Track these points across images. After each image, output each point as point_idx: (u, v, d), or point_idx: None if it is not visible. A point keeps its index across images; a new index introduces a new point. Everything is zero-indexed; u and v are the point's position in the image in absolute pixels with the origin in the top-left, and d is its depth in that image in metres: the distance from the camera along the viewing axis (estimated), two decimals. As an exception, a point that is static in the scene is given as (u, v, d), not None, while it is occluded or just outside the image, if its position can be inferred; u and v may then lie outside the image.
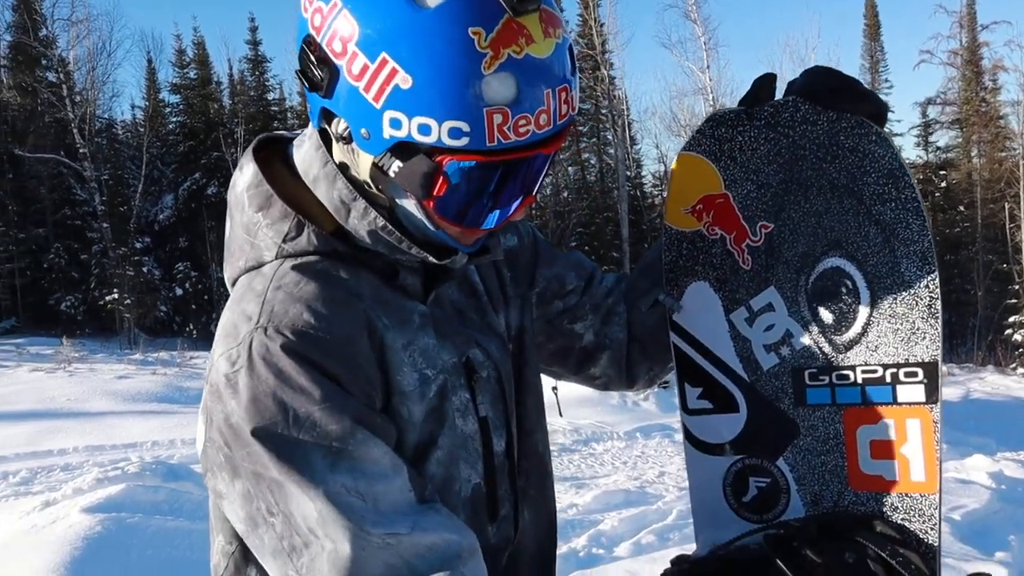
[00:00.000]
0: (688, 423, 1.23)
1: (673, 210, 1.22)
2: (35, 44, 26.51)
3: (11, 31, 27.70)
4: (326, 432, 0.88)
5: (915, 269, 1.07)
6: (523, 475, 1.15)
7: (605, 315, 1.30)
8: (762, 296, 1.16)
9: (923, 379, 1.07)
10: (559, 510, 5.34)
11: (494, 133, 0.83)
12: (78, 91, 26.99)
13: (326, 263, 0.97)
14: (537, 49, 0.84)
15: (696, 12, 27.44)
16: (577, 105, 0.91)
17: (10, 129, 26.98)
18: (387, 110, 0.84)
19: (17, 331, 24.44)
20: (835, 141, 1.09)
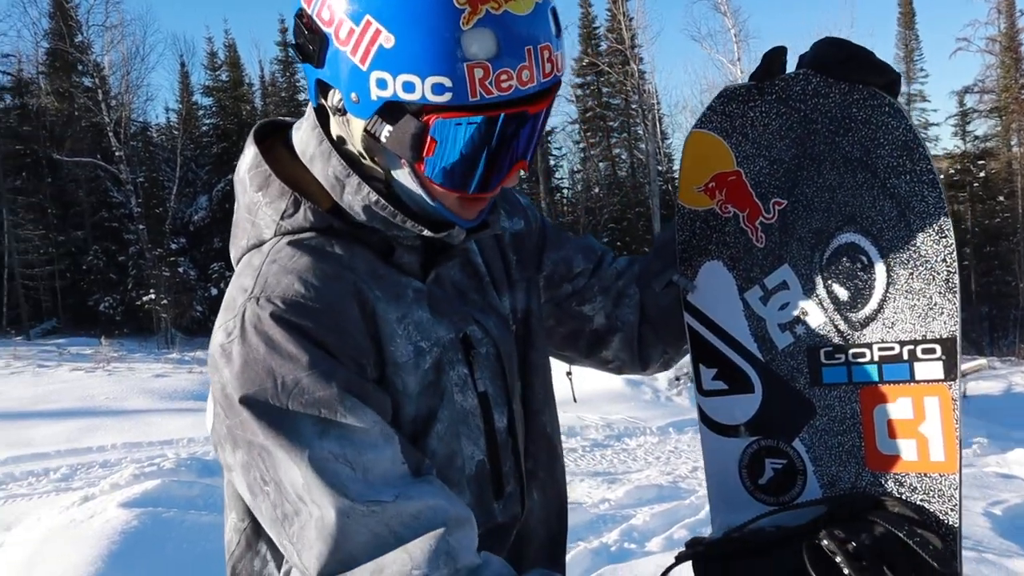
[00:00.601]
0: (703, 404, 1.21)
1: (685, 189, 1.20)
2: (71, 50, 27.06)
3: (48, 38, 28.32)
4: (314, 398, 0.88)
5: (931, 243, 1.04)
6: (531, 457, 1.15)
7: (616, 297, 1.29)
8: (776, 274, 1.14)
9: (941, 356, 1.04)
10: (591, 504, 5.35)
11: (476, 87, 0.85)
12: (113, 95, 27.50)
13: (321, 239, 0.98)
14: (516, 6, 0.85)
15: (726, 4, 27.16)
16: (563, 67, 0.92)
17: (48, 134, 27.57)
18: (373, 71, 0.87)
19: (58, 332, 24.98)
20: (847, 113, 1.06)
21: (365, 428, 0.89)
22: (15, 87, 29.69)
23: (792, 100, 1.10)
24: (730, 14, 27.07)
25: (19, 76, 29.75)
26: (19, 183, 27.18)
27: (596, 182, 34.64)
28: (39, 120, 28.01)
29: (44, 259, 26.49)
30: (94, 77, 27.18)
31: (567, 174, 37.20)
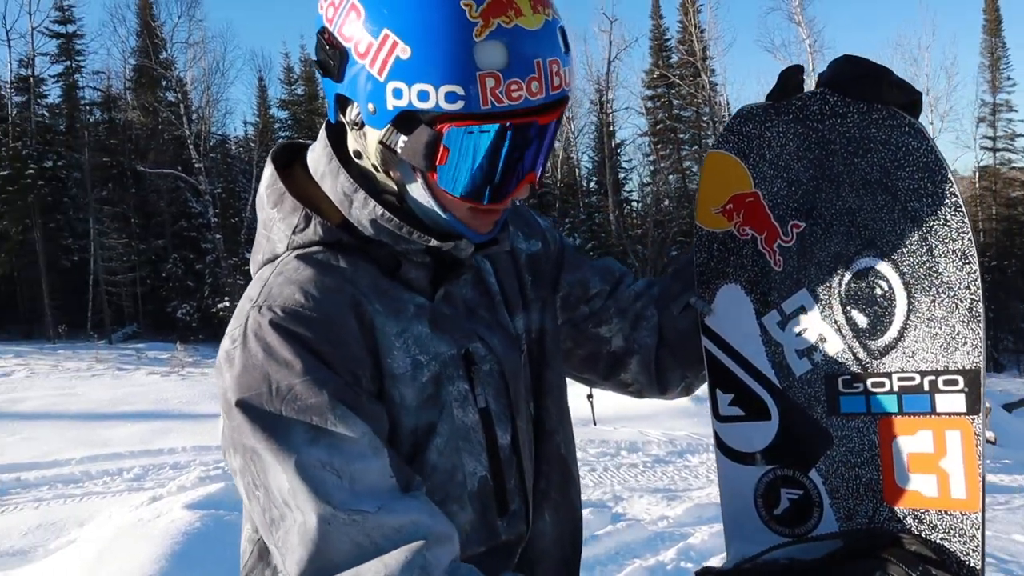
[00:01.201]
0: (719, 431, 1.18)
1: (703, 210, 1.18)
2: (156, 66, 28.27)
3: (135, 55, 29.62)
4: (306, 405, 0.90)
5: (954, 269, 0.99)
6: (544, 477, 1.15)
7: (634, 320, 1.27)
8: (794, 299, 1.11)
9: (964, 388, 0.99)
10: (649, 521, 5.26)
11: (487, 96, 0.87)
12: (194, 109, 28.60)
13: (329, 253, 1.01)
14: (526, 21, 0.89)
15: (800, 14, 26.66)
16: (572, 83, 0.95)
17: (133, 147, 28.82)
18: (390, 81, 0.90)
19: (138, 336, 26.01)
20: (866, 134, 1.03)
21: (354, 438, 0.90)
22: (104, 102, 31.14)
23: (809, 120, 1.07)
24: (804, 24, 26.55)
25: (108, 92, 31.21)
26: (105, 193, 28.46)
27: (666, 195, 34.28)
28: (125, 133, 29.32)
29: (127, 266, 27.63)
30: (177, 92, 28.36)
31: (636, 187, 36.98)
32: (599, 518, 5.74)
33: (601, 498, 6.39)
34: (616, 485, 6.87)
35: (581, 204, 35.24)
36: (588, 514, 5.78)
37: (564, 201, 35.96)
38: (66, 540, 5.48)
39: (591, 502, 6.20)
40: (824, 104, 1.05)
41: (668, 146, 35.17)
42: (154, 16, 29.92)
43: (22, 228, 27.16)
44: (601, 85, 34.82)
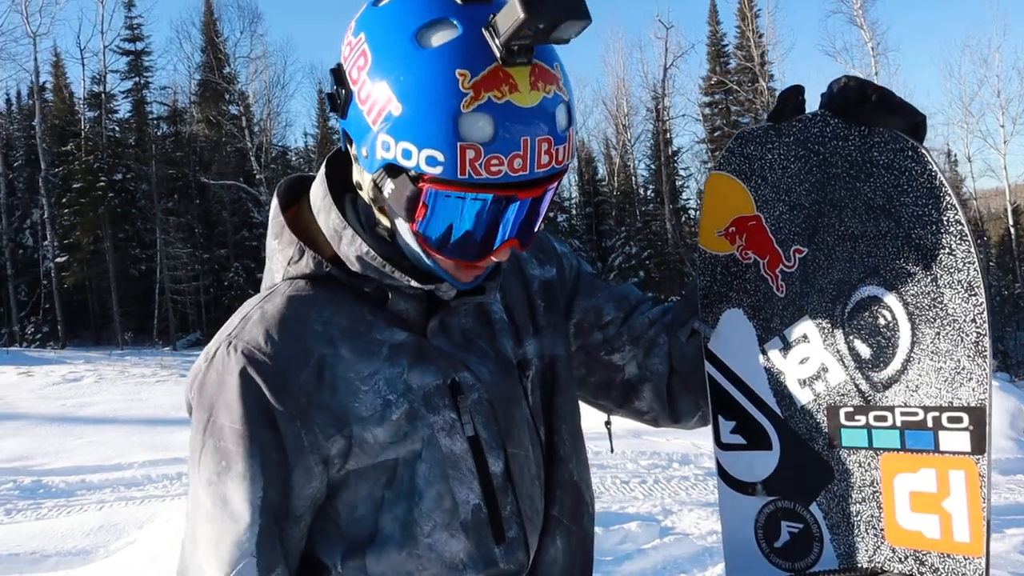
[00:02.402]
0: (721, 458, 1.15)
1: (707, 233, 1.15)
2: (219, 80, 29.07)
3: (200, 70, 30.54)
4: (224, 448, 0.97)
5: (960, 301, 0.95)
6: (556, 503, 1.14)
7: (647, 347, 1.25)
8: (797, 326, 1.07)
9: (968, 426, 0.94)
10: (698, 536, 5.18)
11: (466, 167, 0.88)
12: (256, 122, 29.33)
13: (317, 286, 1.04)
14: (520, 98, 0.88)
15: (862, 16, 26.05)
16: (566, 160, 0.94)
17: (198, 159, 29.68)
18: (380, 133, 0.92)
19: (201, 343, 26.66)
20: (868, 157, 0.99)
21: (238, 501, 0.97)
22: (170, 116, 32.16)
23: (810, 143, 1.03)
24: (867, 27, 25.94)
25: (174, 106, 32.23)
26: (171, 204, 29.35)
27: (723, 203, 33.79)
28: (190, 146, 30.22)
29: (191, 275, 28.44)
30: (239, 105, 29.12)
31: (694, 195, 36.54)
32: (647, 531, 5.66)
33: (650, 511, 6.31)
34: (666, 498, 6.78)
35: (638, 212, 34.99)
36: (635, 527, 5.72)
37: (620, 209, 35.75)
38: (125, 542, 5.64)
39: (639, 515, 6.13)
40: (825, 126, 1.02)
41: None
42: (218, 32, 30.81)
43: (93, 239, 28.19)
44: (657, 92, 34.58)
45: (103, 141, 29.83)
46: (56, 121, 31.03)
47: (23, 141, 32.46)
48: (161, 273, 27.86)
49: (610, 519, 5.87)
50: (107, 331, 28.38)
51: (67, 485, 7.39)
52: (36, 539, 5.71)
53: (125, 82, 31.93)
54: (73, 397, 12.63)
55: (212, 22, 31.56)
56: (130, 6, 31.16)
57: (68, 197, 28.89)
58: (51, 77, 32.79)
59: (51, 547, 5.57)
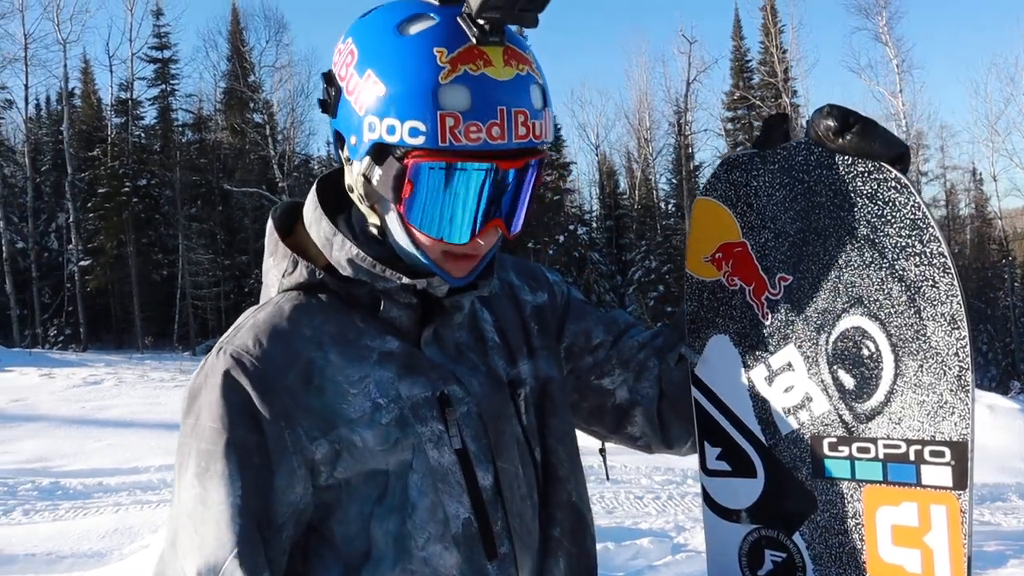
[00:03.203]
0: (706, 484, 1.14)
1: (693, 258, 1.15)
2: (244, 89, 29.39)
3: (225, 78, 30.91)
4: (204, 449, 0.98)
5: (943, 334, 0.94)
6: (557, 524, 1.14)
7: (637, 371, 1.25)
8: (781, 354, 1.07)
9: (950, 460, 0.93)
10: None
11: (446, 134, 0.92)
12: (280, 130, 29.62)
13: (310, 295, 1.07)
14: (495, 72, 0.94)
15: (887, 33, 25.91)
16: (544, 137, 0.98)
17: (221, 166, 30.00)
18: (366, 116, 0.97)
19: (221, 349, 26.81)
20: (852, 187, 0.99)
21: (219, 500, 0.96)
22: (195, 123, 32.60)
23: (795, 171, 1.03)
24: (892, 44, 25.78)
25: (199, 113, 32.67)
26: (194, 211, 29.73)
27: (744, 217, 33.62)
28: (214, 153, 30.58)
29: (212, 281, 28.73)
30: (263, 114, 29.44)
31: (714, 209, 36.29)
32: (659, 548, 5.62)
33: (663, 527, 6.26)
34: (679, 514, 6.72)
35: (658, 226, 34.91)
36: (648, 543, 5.67)
37: (641, 223, 35.69)
38: (139, 545, 5.67)
39: (652, 531, 6.08)
40: (809, 155, 1.02)
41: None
42: (244, 41, 31.20)
43: (117, 243, 28.56)
44: (680, 107, 34.55)
45: (129, 147, 30.26)
46: (83, 127, 31.53)
47: (51, 146, 33.01)
48: (183, 278, 28.15)
49: (622, 534, 5.83)
50: (128, 335, 28.69)
51: (84, 487, 7.46)
52: (52, 540, 5.77)
53: (152, 89, 32.46)
54: (93, 400, 12.74)
55: (238, 31, 31.98)
56: (158, 15, 31.68)
57: (93, 202, 29.32)
58: (80, 83, 33.40)
59: (67, 548, 5.62)
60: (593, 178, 39.96)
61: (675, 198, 35.86)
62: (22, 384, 14.33)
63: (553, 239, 31.57)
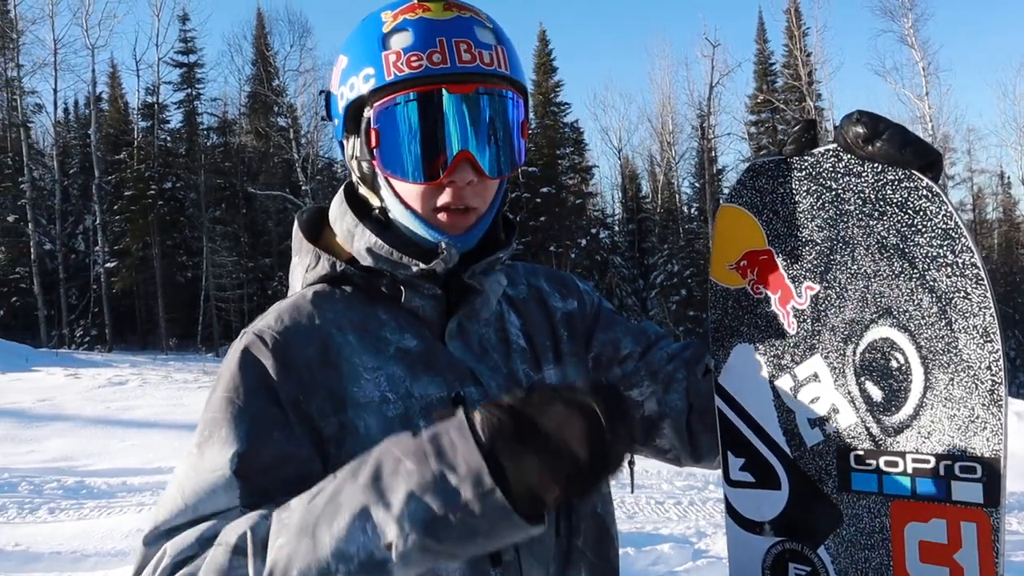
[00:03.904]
0: (729, 495, 1.12)
1: (718, 265, 1.13)
2: (269, 93, 29.63)
3: (250, 83, 31.17)
4: (212, 417, 0.98)
5: (975, 347, 0.91)
6: (580, 535, 1.13)
7: (666, 382, 1.24)
8: (807, 364, 1.05)
9: (982, 477, 0.90)
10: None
11: (391, 69, 1.01)
12: (303, 134, 29.79)
13: (332, 286, 1.11)
14: (432, 14, 1.02)
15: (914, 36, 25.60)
16: (496, 67, 1.02)
17: (246, 169, 30.25)
18: (339, 87, 1.07)
19: (244, 350, 27.01)
20: (881, 195, 0.96)
21: (215, 466, 0.94)
22: (220, 127, 32.90)
23: (822, 178, 1.01)
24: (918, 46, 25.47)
25: (224, 117, 32.97)
26: (218, 213, 30.00)
27: (767, 221, 33.36)
28: (238, 157, 30.85)
29: (235, 283, 28.95)
30: (287, 117, 29.63)
31: (736, 213, 36.03)
32: (679, 554, 5.58)
33: (684, 533, 6.21)
34: (701, 520, 6.66)
35: (681, 230, 34.73)
36: (668, 548, 5.63)
37: (663, 227, 35.52)
38: (160, 546, 5.72)
39: (673, 536, 6.03)
40: (837, 162, 0.99)
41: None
42: (268, 45, 31.47)
43: (142, 245, 28.87)
44: (703, 110, 34.37)
45: (155, 150, 30.60)
46: (111, 130, 31.94)
47: (79, 149, 33.47)
48: (207, 280, 28.39)
49: (643, 540, 5.80)
50: (153, 336, 28.99)
51: (108, 487, 7.53)
52: (77, 539, 5.83)
53: (177, 93, 32.82)
54: (118, 400, 12.89)
55: (263, 36, 32.26)
56: (185, 20, 32.04)
57: (119, 204, 29.67)
58: (107, 88, 33.85)
59: (91, 547, 5.67)
60: (615, 182, 39.90)
61: (698, 202, 35.66)
62: (49, 384, 14.52)
63: (575, 243, 31.49)
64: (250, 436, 0.96)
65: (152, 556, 0.91)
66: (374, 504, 0.79)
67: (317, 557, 0.80)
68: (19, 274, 28.70)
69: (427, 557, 0.79)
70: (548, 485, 0.76)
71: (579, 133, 35.12)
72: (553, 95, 33.92)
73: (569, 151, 34.42)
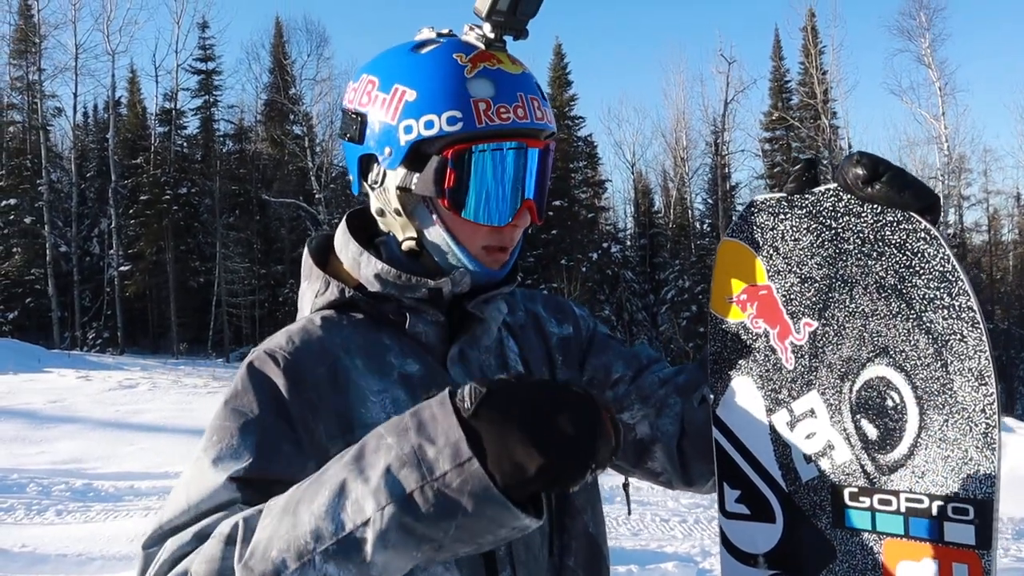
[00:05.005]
0: (724, 527, 1.13)
1: (717, 299, 1.15)
2: (285, 101, 29.86)
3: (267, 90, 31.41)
4: (220, 424, 1.00)
5: (970, 389, 0.92)
6: (572, 555, 1.15)
7: (658, 407, 1.25)
8: (804, 400, 1.06)
9: (974, 519, 0.91)
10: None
11: (481, 117, 1.03)
12: (318, 143, 29.97)
13: (340, 312, 1.13)
14: (507, 68, 1.08)
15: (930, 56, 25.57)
16: (552, 123, 1.10)
17: (260, 176, 30.45)
18: (401, 121, 1.06)
19: (254, 356, 27.11)
20: (880, 236, 0.97)
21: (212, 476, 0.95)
22: (236, 134, 33.16)
23: (822, 217, 1.02)
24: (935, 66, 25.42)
25: (240, 124, 33.24)
26: (232, 220, 30.19)
27: (779, 239, 33.25)
28: (253, 164, 31.07)
29: (247, 289, 29.10)
30: (303, 126, 29.85)
31: (749, 230, 35.92)
32: (684, 572, 5.56)
33: (688, 551, 6.18)
34: (706, 539, 6.64)
35: (692, 246, 34.68)
36: (672, 567, 5.61)
37: (675, 242, 35.48)
38: (166, 552, 5.73)
39: (677, 554, 6.01)
40: (838, 202, 1.01)
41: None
42: (286, 54, 31.73)
43: (156, 250, 29.07)
44: (717, 126, 34.39)
45: (171, 156, 30.86)
46: (128, 135, 32.25)
47: (96, 153, 33.79)
48: (219, 286, 28.54)
49: (647, 557, 5.78)
50: (164, 340, 29.14)
51: (116, 490, 7.57)
52: (83, 542, 5.86)
53: (195, 100, 33.09)
54: (128, 403, 12.95)
55: (281, 44, 32.52)
56: (204, 27, 32.35)
57: (135, 208, 29.91)
58: (126, 93, 34.22)
59: (97, 551, 5.70)
60: (628, 196, 39.88)
61: (710, 218, 35.62)
62: (60, 385, 14.63)
63: (587, 257, 31.50)
64: (259, 447, 0.97)
65: (154, 556, 0.91)
66: (353, 479, 0.76)
67: (296, 535, 0.77)
68: (34, 275, 28.95)
69: (409, 541, 0.74)
70: (533, 459, 0.70)
71: (593, 147, 35.21)
72: (568, 108, 34.03)
73: (582, 165, 34.49)
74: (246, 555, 0.79)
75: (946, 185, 27.92)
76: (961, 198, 35.08)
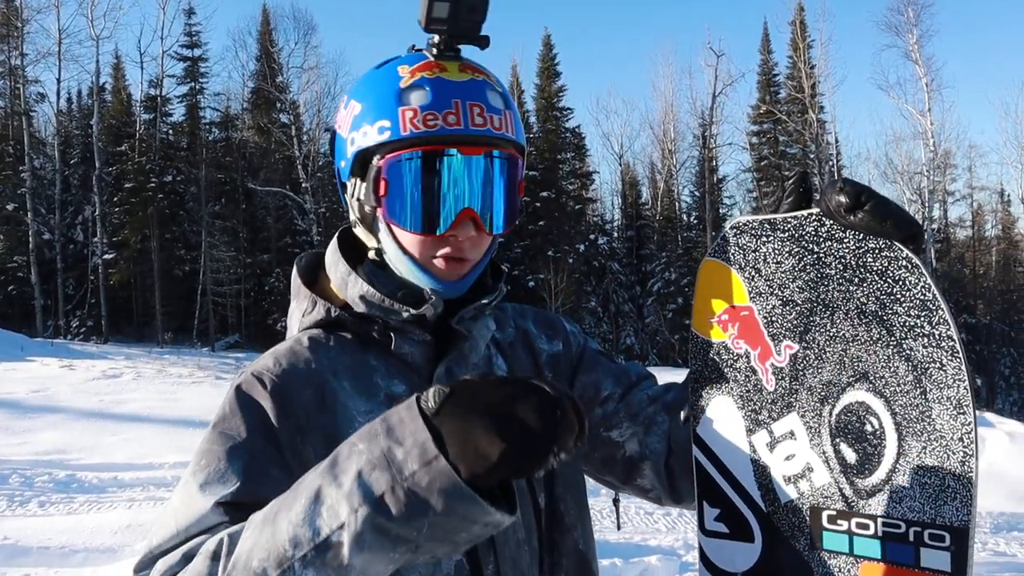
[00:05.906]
0: (704, 544, 1.14)
1: (699, 318, 1.15)
2: (272, 89, 29.65)
3: (253, 78, 31.18)
4: (207, 448, 1.00)
5: (948, 417, 0.93)
6: (563, 572, 1.16)
7: (646, 424, 1.25)
8: (784, 422, 1.06)
9: (950, 546, 0.92)
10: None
11: (407, 125, 1.04)
12: (305, 131, 29.81)
13: (327, 331, 1.14)
14: (450, 75, 1.07)
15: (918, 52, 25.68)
16: (505, 131, 1.07)
17: (247, 165, 30.26)
18: (349, 134, 1.10)
19: (239, 346, 27.09)
20: (862, 262, 0.98)
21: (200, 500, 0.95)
22: (222, 122, 32.91)
23: (805, 240, 1.02)
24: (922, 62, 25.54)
25: (227, 112, 32.99)
26: (218, 208, 30.00)
27: (766, 232, 33.38)
28: (239, 152, 30.87)
29: (233, 278, 28.96)
30: (290, 114, 29.68)
31: (736, 222, 36.07)
32: (667, 566, 5.59)
33: (672, 545, 6.23)
34: (689, 533, 6.69)
35: (679, 238, 34.80)
36: (656, 560, 5.65)
37: (662, 235, 35.57)
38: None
39: (661, 548, 6.05)
40: (820, 226, 1.01)
41: (772, 183, 34.34)
42: (273, 42, 31.49)
43: (140, 238, 28.87)
44: (705, 119, 34.44)
45: (156, 143, 30.60)
46: (113, 122, 31.94)
47: (80, 140, 33.48)
48: (204, 275, 28.38)
49: (631, 551, 5.81)
50: (148, 329, 28.98)
51: (99, 481, 7.53)
52: (66, 533, 5.83)
53: (181, 87, 32.81)
54: (111, 393, 12.86)
55: (268, 32, 32.28)
56: (190, 14, 32.05)
57: (119, 196, 29.67)
58: (111, 79, 33.86)
59: (80, 542, 5.68)
60: (616, 188, 39.93)
61: (697, 210, 35.73)
62: (43, 374, 14.51)
63: (574, 248, 31.53)
64: (247, 471, 0.97)
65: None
66: (327, 485, 0.78)
67: (275, 543, 0.79)
68: (17, 263, 28.70)
69: (384, 543, 0.76)
70: (495, 446, 0.73)
71: (580, 138, 35.21)
72: (556, 100, 33.98)
73: (570, 156, 34.48)
74: (229, 567, 0.82)
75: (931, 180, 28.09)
76: (946, 193, 35.34)
